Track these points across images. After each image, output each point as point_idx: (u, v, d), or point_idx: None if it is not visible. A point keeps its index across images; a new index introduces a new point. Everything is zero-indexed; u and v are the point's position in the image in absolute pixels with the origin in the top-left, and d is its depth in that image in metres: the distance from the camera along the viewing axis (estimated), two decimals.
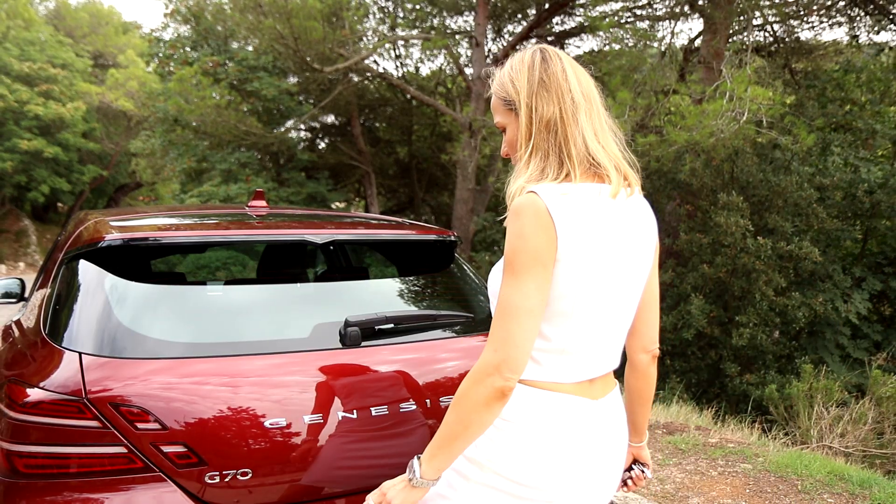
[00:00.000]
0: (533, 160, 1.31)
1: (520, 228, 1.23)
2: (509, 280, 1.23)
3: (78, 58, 25.50)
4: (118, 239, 1.84)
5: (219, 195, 13.22)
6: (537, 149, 1.31)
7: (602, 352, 1.37)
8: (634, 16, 11.67)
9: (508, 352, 1.21)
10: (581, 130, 1.30)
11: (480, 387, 1.22)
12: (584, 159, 1.30)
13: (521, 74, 1.34)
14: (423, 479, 1.28)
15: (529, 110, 1.32)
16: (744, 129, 7.63)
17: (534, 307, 1.23)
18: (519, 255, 1.23)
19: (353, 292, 2.29)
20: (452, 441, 1.25)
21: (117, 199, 31.29)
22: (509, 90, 1.36)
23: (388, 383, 1.89)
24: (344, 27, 13.04)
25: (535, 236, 1.22)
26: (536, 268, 1.22)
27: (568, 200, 1.25)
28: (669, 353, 9.13)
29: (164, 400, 1.63)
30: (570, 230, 1.24)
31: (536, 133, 1.31)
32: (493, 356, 1.22)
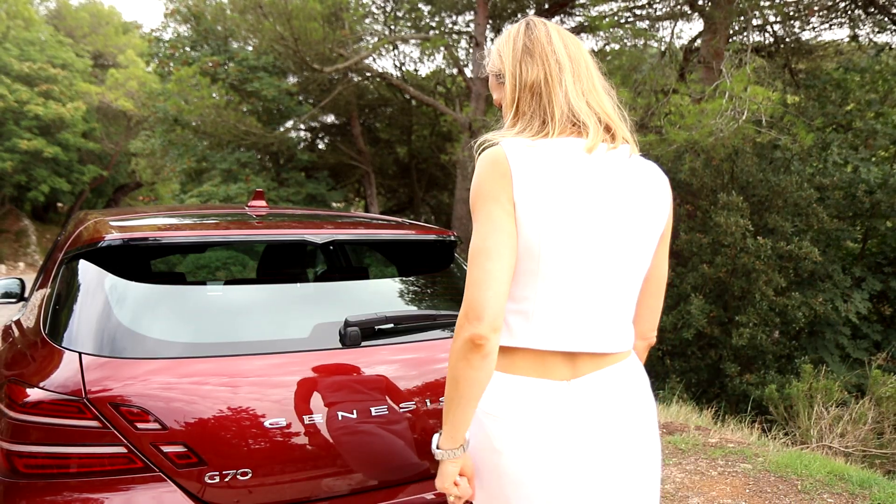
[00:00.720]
0: (517, 124, 1.30)
1: (476, 175, 1.23)
2: (475, 228, 1.22)
3: (78, 58, 25.49)
4: (118, 239, 1.84)
5: (219, 195, 13.21)
6: (522, 113, 1.30)
7: (587, 324, 1.25)
8: (634, 16, 11.67)
9: (472, 296, 1.17)
10: (566, 91, 1.28)
11: (456, 341, 1.19)
12: (566, 118, 1.27)
13: (507, 45, 1.35)
14: (439, 449, 1.25)
15: (514, 77, 1.31)
16: (743, 128, 7.63)
17: (491, 248, 1.18)
18: (475, 200, 1.23)
19: (353, 292, 2.29)
20: (450, 405, 1.22)
21: (117, 199, 31.28)
22: (496, 63, 1.37)
23: (387, 383, 1.89)
24: (344, 27, 13.04)
25: (487, 180, 1.21)
26: (491, 207, 1.19)
27: (533, 151, 1.22)
28: (669, 352, 9.13)
29: (164, 400, 1.63)
30: (529, 178, 1.19)
31: (521, 97, 1.30)
32: (463, 307, 1.18)
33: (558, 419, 1.23)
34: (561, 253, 1.21)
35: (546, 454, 1.23)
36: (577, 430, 1.24)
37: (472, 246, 1.21)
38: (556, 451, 1.23)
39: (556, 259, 1.21)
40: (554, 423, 1.23)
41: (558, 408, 1.24)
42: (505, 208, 1.19)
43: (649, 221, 1.29)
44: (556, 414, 1.23)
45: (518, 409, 1.24)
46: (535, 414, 1.23)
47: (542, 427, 1.23)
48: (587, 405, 1.26)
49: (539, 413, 1.23)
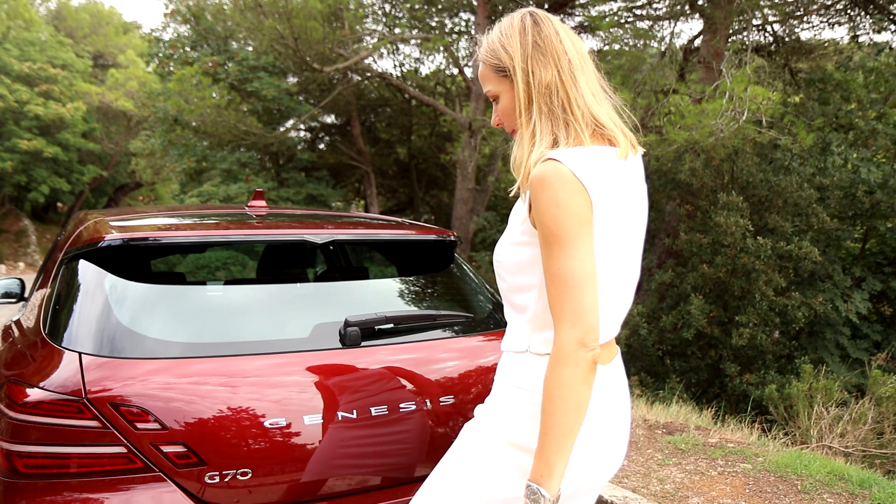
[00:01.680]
0: (538, 126, 1.28)
1: (554, 196, 1.18)
2: (560, 251, 1.18)
3: (78, 58, 25.50)
4: (118, 239, 1.84)
5: (219, 195, 13.22)
6: (541, 114, 1.28)
7: (614, 316, 1.35)
8: (634, 16, 11.67)
9: (588, 322, 1.17)
10: (581, 93, 1.28)
11: (573, 366, 1.17)
12: (588, 121, 1.28)
13: (513, 39, 1.30)
14: (551, 496, 1.17)
15: (526, 75, 1.28)
16: (743, 128, 7.63)
17: (593, 271, 1.20)
18: (563, 223, 1.18)
19: (353, 292, 2.29)
20: (568, 436, 1.18)
21: (117, 199, 31.29)
22: (501, 56, 1.32)
23: (387, 383, 1.89)
24: (344, 27, 13.04)
25: (573, 201, 1.18)
26: (584, 231, 1.19)
27: (589, 165, 1.22)
28: (669, 352, 9.13)
29: (164, 400, 1.63)
30: (599, 193, 1.21)
31: (538, 97, 1.28)
32: (573, 331, 1.17)
33: (604, 398, 1.33)
34: (613, 259, 1.28)
35: (596, 429, 1.31)
36: (613, 407, 1.36)
37: (573, 271, 1.18)
38: (602, 426, 1.32)
39: (610, 265, 1.28)
40: (604, 398, 1.32)
41: (605, 384, 1.33)
42: (591, 231, 1.21)
43: (646, 215, 1.42)
44: (604, 389, 1.32)
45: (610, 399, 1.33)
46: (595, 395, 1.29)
47: (595, 402, 1.28)
48: (618, 385, 1.39)
49: (595, 389, 1.28)
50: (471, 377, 2.05)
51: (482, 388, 2.06)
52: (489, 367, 2.09)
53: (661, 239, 10.08)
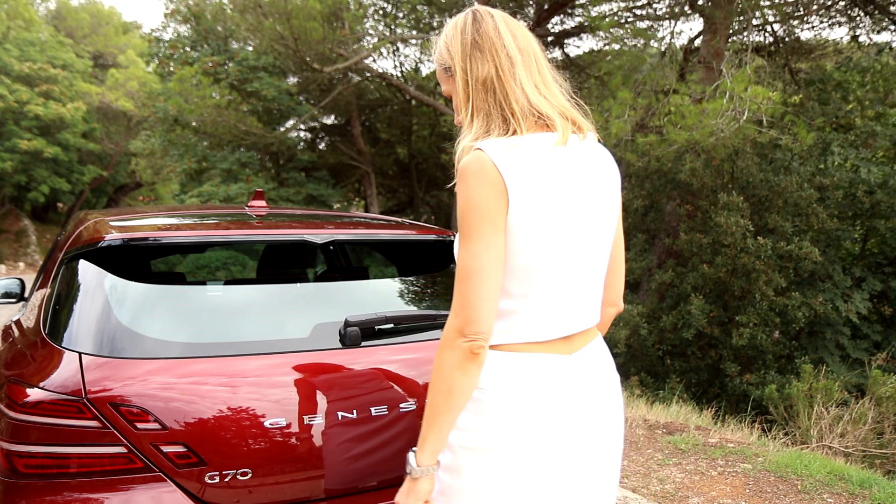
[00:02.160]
0: (475, 121, 1.30)
1: (465, 189, 1.22)
2: (462, 243, 1.22)
3: (78, 58, 25.50)
4: (118, 239, 1.84)
5: (219, 195, 13.22)
6: (478, 109, 1.30)
7: (577, 307, 1.33)
8: (634, 16, 11.67)
9: (468, 314, 1.21)
10: (521, 85, 1.28)
11: (450, 351, 1.22)
12: (527, 113, 1.28)
13: (454, 39, 1.33)
14: (419, 467, 1.26)
15: (464, 73, 1.30)
16: (744, 128, 7.63)
17: (484, 267, 1.20)
18: (466, 216, 1.21)
19: (353, 292, 2.29)
20: (438, 416, 1.24)
21: (117, 199, 31.29)
22: (444, 56, 1.36)
23: (388, 383, 1.89)
24: (343, 27, 13.04)
25: (479, 193, 1.20)
26: (484, 226, 1.20)
27: (516, 152, 1.22)
28: (669, 352, 9.13)
29: (164, 400, 1.63)
30: (521, 182, 1.21)
31: (474, 94, 1.30)
32: (455, 320, 1.22)
33: (566, 388, 1.32)
34: (555, 247, 1.26)
35: (560, 419, 1.30)
36: (583, 396, 1.34)
37: (464, 264, 1.21)
38: (568, 416, 1.31)
39: (551, 253, 1.26)
40: (564, 390, 1.31)
41: (566, 377, 1.32)
42: (497, 224, 1.21)
43: (614, 200, 1.39)
44: (563, 383, 1.31)
45: (530, 380, 1.30)
46: (548, 383, 1.30)
47: (554, 395, 1.30)
48: (588, 374, 1.36)
49: (549, 383, 1.30)
50: None
51: None
52: None
53: (661, 239, 10.08)
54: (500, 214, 1.21)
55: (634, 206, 10.54)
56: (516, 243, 1.23)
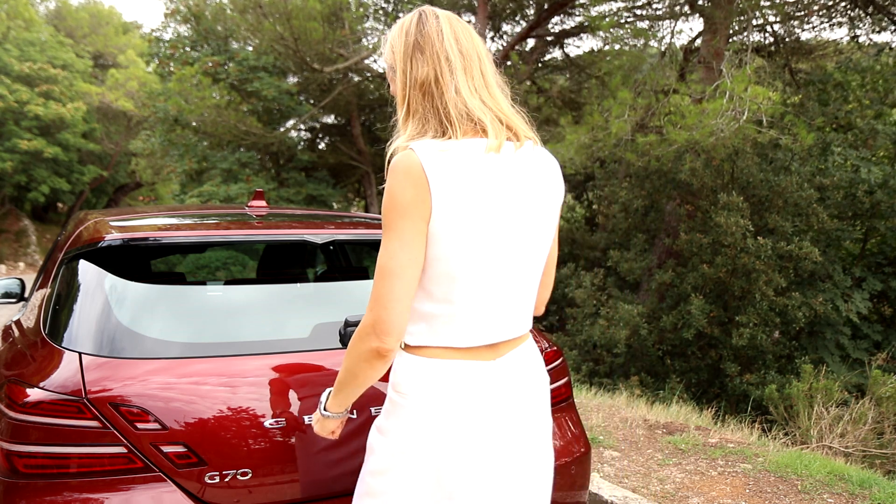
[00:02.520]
0: (411, 122, 1.28)
1: (389, 186, 1.21)
2: (382, 241, 1.22)
3: (78, 58, 25.51)
4: (118, 239, 1.84)
5: (219, 195, 13.21)
6: (414, 111, 1.29)
7: (504, 316, 1.32)
8: (634, 16, 11.67)
9: (379, 313, 1.21)
10: (458, 89, 1.26)
11: (361, 344, 1.25)
12: (464, 118, 1.26)
13: (398, 39, 1.32)
14: (327, 411, 1.43)
15: (404, 73, 1.29)
16: (744, 128, 7.63)
17: (397, 267, 1.19)
18: (388, 213, 1.20)
19: (353, 292, 2.29)
20: (344, 387, 1.34)
21: (117, 199, 31.30)
22: (388, 55, 1.35)
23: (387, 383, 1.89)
24: (344, 27, 13.04)
25: (402, 192, 1.19)
26: (404, 226, 1.19)
27: (446, 156, 1.21)
28: (669, 353, 9.13)
29: (165, 400, 1.63)
30: (446, 186, 1.19)
31: (411, 96, 1.28)
32: (368, 316, 1.23)
33: (487, 394, 1.31)
34: (480, 256, 1.25)
35: (481, 424, 1.29)
36: (506, 401, 1.33)
37: (381, 262, 1.21)
38: (489, 421, 1.30)
39: (476, 262, 1.25)
40: (486, 396, 1.30)
41: (488, 382, 1.31)
42: (417, 225, 1.20)
43: (551, 210, 1.37)
44: (484, 389, 1.31)
45: (451, 386, 1.28)
46: (468, 389, 1.29)
47: (475, 401, 1.29)
48: (512, 379, 1.35)
49: (472, 388, 1.29)
50: None
51: None
52: None
53: (661, 239, 10.08)
54: (422, 218, 1.19)
55: (634, 206, 10.54)
56: (439, 249, 1.22)
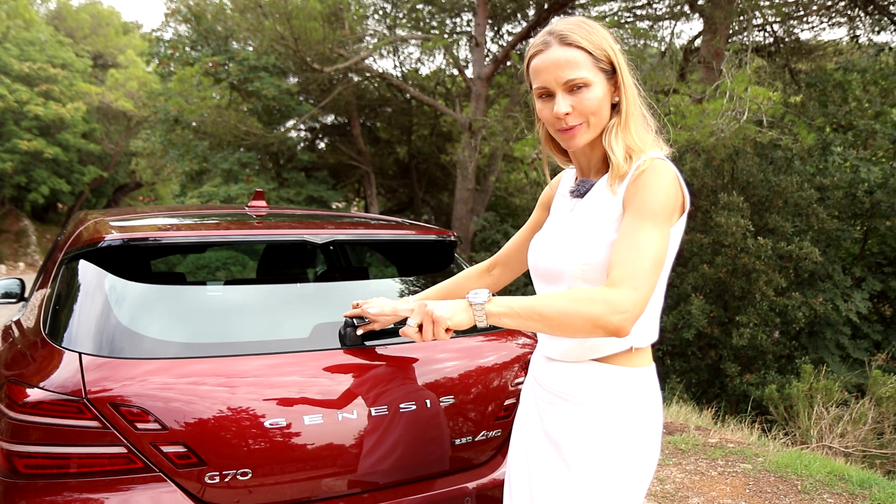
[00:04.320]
0: (631, 123, 1.38)
1: (667, 185, 1.30)
2: (656, 228, 1.27)
3: (78, 58, 25.49)
4: (118, 239, 1.84)
5: (219, 196, 13.20)
6: (633, 112, 1.39)
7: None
8: (634, 16, 11.67)
9: (644, 296, 1.23)
10: (641, 105, 1.42)
11: (606, 311, 1.20)
12: (651, 130, 1.43)
13: (610, 39, 1.38)
14: (485, 310, 1.26)
15: (626, 75, 1.38)
16: (744, 128, 7.63)
17: (662, 261, 1.29)
18: (663, 211, 1.28)
19: (353, 292, 2.29)
20: (536, 322, 1.24)
21: (117, 199, 31.28)
22: (607, 48, 1.35)
23: (387, 383, 1.89)
24: (344, 27, 13.04)
25: (678, 193, 1.32)
26: (670, 223, 1.31)
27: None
28: (669, 353, 9.13)
29: (165, 400, 1.63)
30: (686, 197, 1.37)
31: (631, 100, 1.39)
32: (632, 294, 1.21)
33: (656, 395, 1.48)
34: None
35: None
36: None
37: (656, 253, 1.26)
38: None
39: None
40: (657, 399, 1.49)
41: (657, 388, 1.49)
42: (672, 225, 1.33)
43: None
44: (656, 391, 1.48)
45: (657, 393, 1.47)
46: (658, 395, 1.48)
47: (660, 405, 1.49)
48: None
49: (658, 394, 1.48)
50: (471, 377, 2.05)
51: (482, 388, 2.05)
52: (489, 367, 2.09)
53: None
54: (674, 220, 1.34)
55: None
56: (669, 252, 1.34)
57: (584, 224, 1.39)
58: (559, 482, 1.39)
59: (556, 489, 1.39)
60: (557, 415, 1.41)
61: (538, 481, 1.43)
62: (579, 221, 1.40)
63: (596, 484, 1.36)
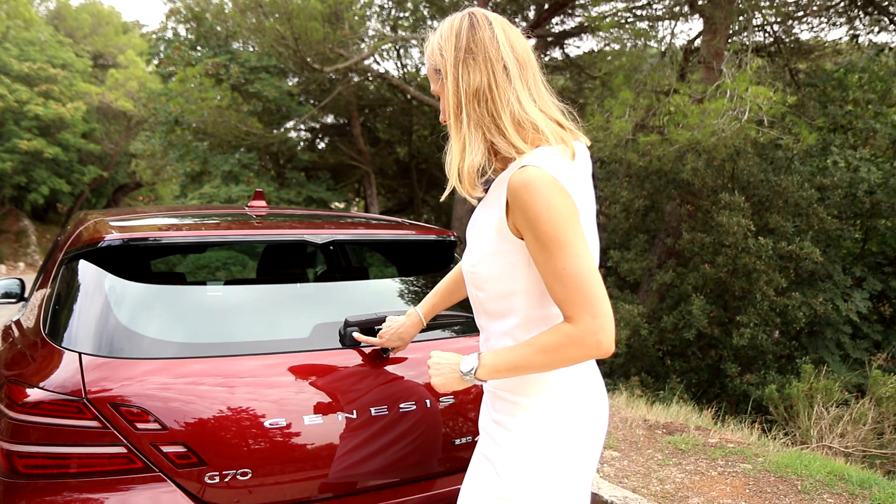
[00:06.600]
0: (468, 133, 1.26)
1: (547, 201, 1.18)
2: (561, 252, 1.19)
3: (78, 58, 25.49)
4: (118, 239, 1.84)
5: (220, 197, 13.19)
6: (469, 120, 1.27)
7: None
8: (634, 16, 11.67)
9: (604, 310, 1.20)
10: (518, 98, 1.26)
11: (583, 350, 1.21)
12: (526, 125, 1.26)
13: (448, 42, 1.29)
14: (477, 379, 1.33)
15: (456, 80, 1.27)
16: (745, 128, 7.63)
17: (594, 268, 1.22)
18: (561, 225, 1.18)
19: (353, 292, 2.29)
20: (526, 372, 1.28)
21: (117, 199, 31.27)
22: (437, 58, 1.32)
23: (387, 383, 1.89)
24: (344, 27, 13.04)
25: (563, 201, 1.19)
26: (577, 230, 1.20)
27: (561, 167, 1.23)
28: (669, 353, 9.12)
29: (164, 400, 1.63)
30: (574, 194, 1.23)
31: (465, 102, 1.26)
32: (593, 322, 1.19)
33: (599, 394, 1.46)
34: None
35: (600, 420, 1.45)
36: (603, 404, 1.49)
37: (583, 266, 1.19)
38: (603, 417, 1.46)
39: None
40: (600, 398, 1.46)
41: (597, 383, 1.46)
42: (581, 228, 1.24)
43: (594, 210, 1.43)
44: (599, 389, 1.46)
45: (599, 393, 1.44)
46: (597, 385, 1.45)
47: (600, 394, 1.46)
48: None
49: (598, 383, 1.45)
50: None
51: (482, 388, 2.05)
52: None
53: (662, 239, 10.08)
54: (580, 220, 1.24)
55: (635, 206, 10.54)
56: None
57: (473, 230, 1.38)
58: (476, 466, 1.44)
59: (472, 470, 1.45)
60: (488, 403, 1.45)
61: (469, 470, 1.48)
62: (472, 227, 1.39)
63: (506, 460, 1.36)
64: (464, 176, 1.26)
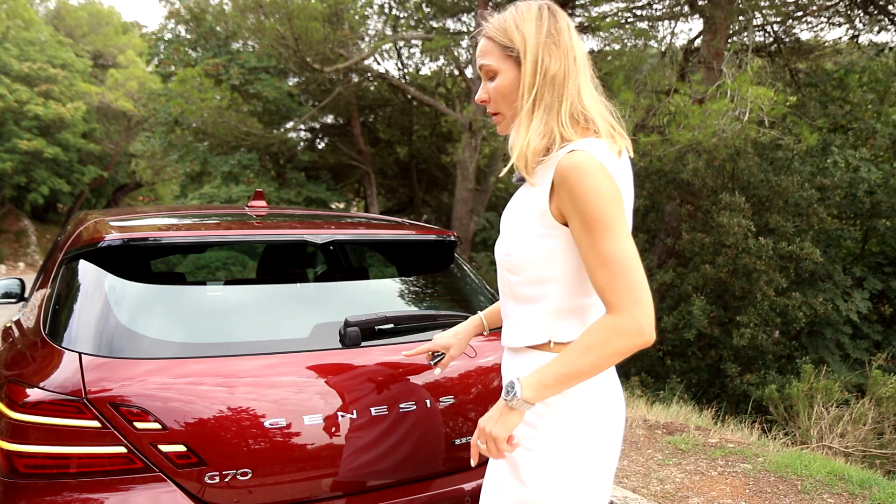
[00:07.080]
0: (538, 115, 1.29)
1: (594, 184, 1.20)
2: (609, 235, 1.20)
3: (78, 58, 25.48)
4: (118, 239, 1.84)
5: (220, 197, 13.19)
6: (542, 103, 1.29)
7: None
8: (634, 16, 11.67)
9: (645, 304, 1.20)
10: (579, 90, 1.30)
11: (627, 340, 1.20)
12: (581, 119, 1.30)
13: (529, 22, 1.31)
14: (525, 401, 1.25)
15: (535, 62, 1.29)
16: (746, 128, 7.63)
17: (636, 254, 1.22)
18: (608, 208, 1.20)
19: (353, 292, 2.29)
20: (575, 380, 1.25)
21: (117, 199, 31.26)
22: (513, 36, 1.32)
23: (387, 383, 1.89)
24: (344, 27, 13.04)
25: (610, 186, 1.21)
26: (621, 217, 1.22)
27: (607, 157, 1.26)
28: (670, 353, 9.13)
29: (164, 400, 1.63)
30: (621, 184, 1.26)
31: (542, 86, 1.29)
32: (635, 308, 1.20)
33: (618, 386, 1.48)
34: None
35: (620, 419, 1.45)
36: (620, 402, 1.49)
37: (625, 253, 1.21)
38: (621, 416, 1.45)
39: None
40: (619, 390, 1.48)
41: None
42: (624, 216, 1.26)
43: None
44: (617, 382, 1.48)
45: (620, 394, 1.44)
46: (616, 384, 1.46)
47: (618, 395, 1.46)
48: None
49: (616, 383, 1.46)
50: (471, 377, 2.05)
51: (482, 388, 2.05)
52: (489, 367, 2.09)
53: (662, 239, 10.08)
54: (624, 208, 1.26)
55: (636, 207, 10.53)
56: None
57: (512, 214, 1.39)
58: (494, 470, 1.44)
59: (493, 468, 1.45)
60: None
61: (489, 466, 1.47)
62: (510, 211, 1.40)
63: (529, 464, 1.35)
64: (529, 157, 1.29)
